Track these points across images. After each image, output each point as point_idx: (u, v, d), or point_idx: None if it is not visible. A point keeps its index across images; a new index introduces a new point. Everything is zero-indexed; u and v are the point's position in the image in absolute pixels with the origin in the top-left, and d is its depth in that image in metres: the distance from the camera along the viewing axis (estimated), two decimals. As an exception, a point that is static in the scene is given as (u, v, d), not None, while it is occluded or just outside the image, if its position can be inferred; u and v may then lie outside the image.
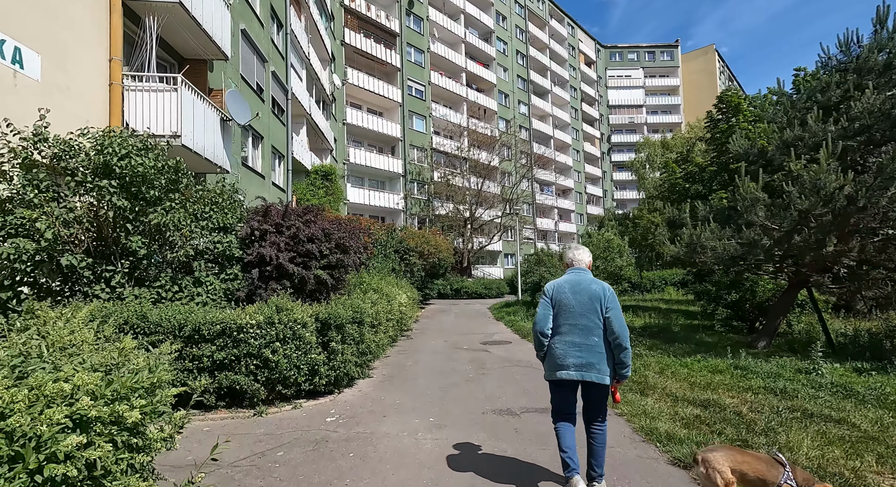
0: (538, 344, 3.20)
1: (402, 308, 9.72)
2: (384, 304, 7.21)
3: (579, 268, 3.39)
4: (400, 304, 9.71)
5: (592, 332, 3.04)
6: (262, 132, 15.06)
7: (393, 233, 16.81)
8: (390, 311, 8.03)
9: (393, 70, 32.98)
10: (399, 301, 9.70)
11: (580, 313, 3.09)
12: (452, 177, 33.53)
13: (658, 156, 30.35)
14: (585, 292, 3.15)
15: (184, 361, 4.37)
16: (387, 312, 7.35)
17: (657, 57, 61.53)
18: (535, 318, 3.23)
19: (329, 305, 5.34)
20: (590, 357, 3.01)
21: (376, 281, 8.86)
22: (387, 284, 10.19)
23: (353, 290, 7.34)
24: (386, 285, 9.71)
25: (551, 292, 3.27)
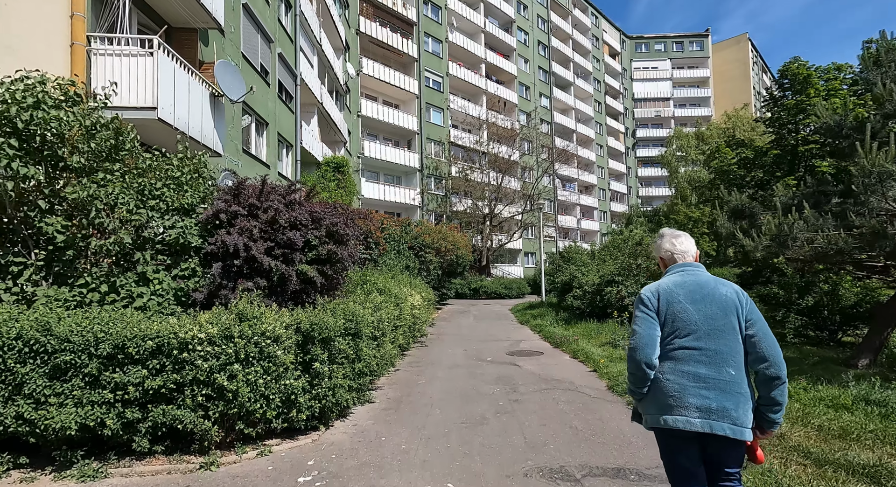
0: (638, 379, 2.12)
1: (415, 311, 8.37)
2: (391, 309, 5.86)
3: (688, 264, 2.26)
4: (412, 307, 8.36)
5: (727, 361, 2.02)
6: (267, 118, 13.91)
7: (407, 227, 15.49)
8: (399, 317, 6.69)
9: (410, 60, 31.71)
10: (412, 303, 8.36)
11: (707, 331, 2.06)
12: (471, 172, 32.10)
13: (692, 148, 28.27)
14: (712, 300, 2.10)
15: (100, 390, 3.10)
16: (394, 318, 6.00)
17: (686, 47, 58.77)
18: (632, 340, 2.14)
19: (315, 311, 4.01)
20: (723, 398, 2.00)
21: (383, 280, 7.51)
22: (398, 283, 8.85)
23: (355, 291, 6.01)
24: (396, 284, 8.37)
25: (656, 300, 2.16)
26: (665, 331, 2.11)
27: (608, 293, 10.75)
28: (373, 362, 4.50)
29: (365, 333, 4.26)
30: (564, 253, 14.93)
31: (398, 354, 6.50)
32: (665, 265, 2.33)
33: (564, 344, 8.69)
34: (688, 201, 26.87)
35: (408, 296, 8.25)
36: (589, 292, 11.36)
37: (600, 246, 15.55)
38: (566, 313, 12.52)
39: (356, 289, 6.20)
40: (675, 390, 2.04)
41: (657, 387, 2.10)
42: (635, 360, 2.10)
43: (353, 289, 6.17)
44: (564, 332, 10.17)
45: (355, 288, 6.42)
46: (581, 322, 11.32)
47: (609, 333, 9.73)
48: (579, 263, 13.38)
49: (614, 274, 10.97)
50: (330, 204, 5.30)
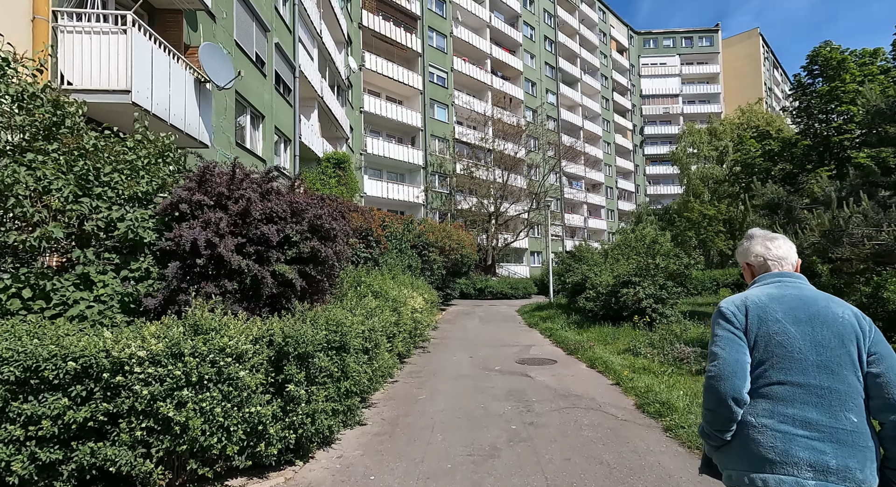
0: (720, 419, 1.57)
1: (416, 315, 7.67)
2: (387, 315, 5.16)
3: (786, 274, 1.72)
4: (413, 310, 7.66)
5: (845, 403, 1.48)
6: (264, 110, 13.26)
7: (410, 225, 14.80)
8: (398, 323, 6.00)
9: (414, 55, 31.02)
10: (413, 306, 7.66)
11: (817, 363, 1.52)
12: (476, 170, 31.38)
13: (704, 144, 27.37)
14: (823, 321, 1.56)
15: (7, 425, 2.43)
16: (391, 325, 5.29)
17: (695, 42, 57.67)
18: (712, 368, 1.58)
19: (292, 321, 3.32)
20: (845, 454, 1.44)
21: (380, 281, 6.81)
22: (398, 285, 8.16)
23: (347, 295, 5.32)
24: (396, 286, 7.68)
25: (743, 316, 1.63)
26: (755, 358, 1.57)
27: (624, 295, 10.00)
28: (363, 379, 3.81)
29: (353, 346, 3.56)
30: (575, 251, 14.19)
31: (396, 363, 5.81)
32: (753, 274, 1.80)
33: (579, 351, 7.96)
34: (700, 198, 25.98)
35: (408, 299, 7.55)
36: (603, 294, 10.61)
37: (612, 245, 14.79)
38: (578, 315, 11.77)
39: (349, 292, 5.51)
40: (776, 439, 1.48)
41: (747, 434, 1.54)
42: (717, 394, 1.54)
43: (346, 293, 5.48)
44: (577, 337, 9.43)
45: (348, 291, 5.73)
46: (595, 325, 10.57)
47: (627, 338, 8.99)
48: (591, 263, 12.64)
49: (630, 275, 10.21)
50: (316, 195, 4.61)
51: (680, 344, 7.40)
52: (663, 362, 6.69)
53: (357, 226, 13.53)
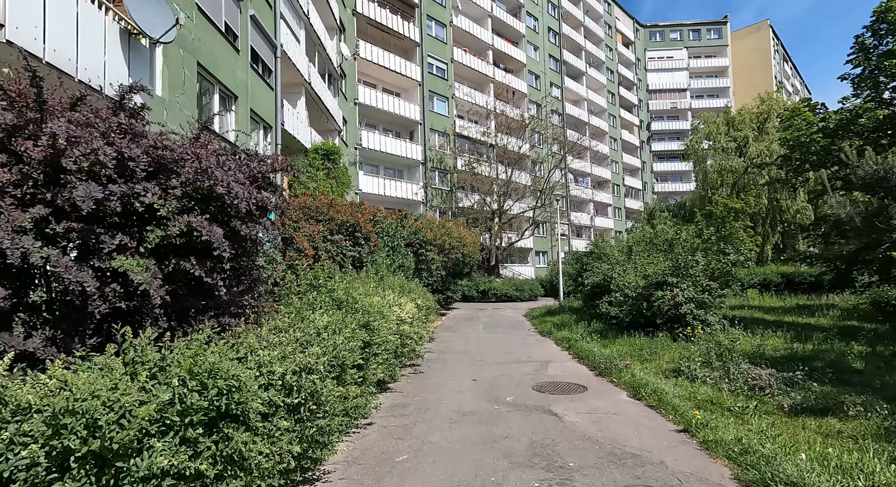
0: None
1: (404, 327, 5.97)
2: (350, 335, 3.44)
3: None
4: (401, 321, 5.97)
5: None
6: (236, 90, 11.60)
7: (404, 220, 13.10)
8: (372, 343, 4.31)
9: (411, 45, 29.38)
10: (399, 315, 5.97)
11: None
12: (478, 165, 29.70)
13: (721, 135, 25.58)
14: None
15: None
16: (358, 350, 3.56)
17: (703, 35, 55.91)
18: None
19: (116, 373, 1.62)
20: None
21: (345, 285, 5.12)
22: (382, 289, 6.47)
23: (290, 306, 3.63)
24: (379, 291, 5.99)
25: None
26: None
27: (659, 299, 8.27)
28: (277, 465, 2.11)
29: (252, 409, 1.88)
30: (595, 248, 12.48)
31: (370, 399, 4.11)
32: None
33: (613, 372, 6.23)
34: (718, 193, 24.22)
35: (394, 307, 5.85)
36: (631, 297, 8.89)
37: (634, 239, 13.05)
38: (599, 323, 10.04)
39: (298, 301, 3.82)
40: None
41: None
42: None
43: (293, 302, 3.79)
44: (604, 351, 7.71)
45: (303, 297, 4.03)
46: (622, 335, 8.85)
47: (668, 353, 7.25)
48: (612, 261, 10.93)
49: (665, 274, 8.48)
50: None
51: (746, 362, 5.66)
52: (735, 391, 4.96)
53: (343, 221, 11.86)
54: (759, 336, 8.68)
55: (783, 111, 24.68)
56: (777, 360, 6.55)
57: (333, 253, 11.20)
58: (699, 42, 55.78)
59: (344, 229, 11.91)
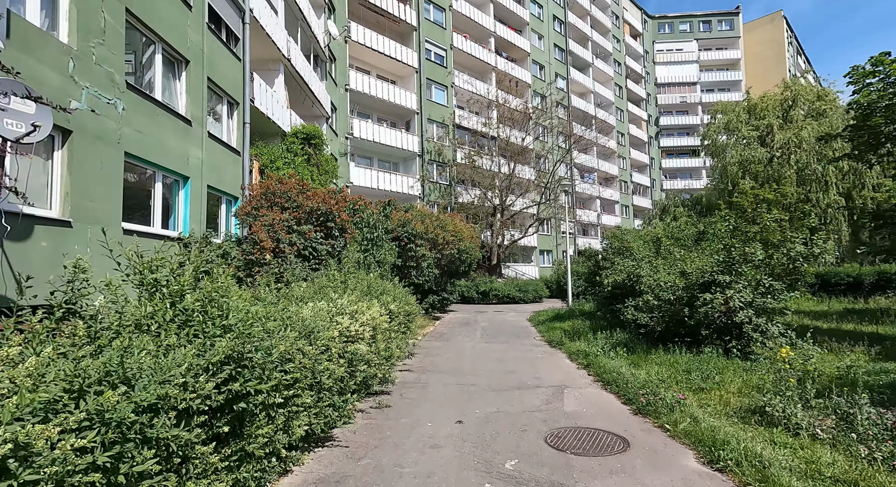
0: None
1: (359, 346, 4.09)
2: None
3: None
4: (351, 338, 4.10)
5: None
6: (187, 53, 9.74)
7: (387, 208, 11.22)
8: (278, 389, 2.47)
9: (408, 29, 27.57)
10: (353, 329, 4.12)
11: None
12: (478, 158, 27.83)
13: (742, 123, 23.61)
14: None
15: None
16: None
17: (714, 27, 53.88)
18: None
19: None
20: None
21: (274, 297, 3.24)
22: (340, 293, 4.61)
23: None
24: (328, 297, 4.12)
25: None
26: None
27: (706, 303, 6.37)
28: None
29: None
30: (614, 240, 10.57)
31: (314, 444, 2.23)
32: None
33: (661, 410, 4.32)
34: (740, 185, 22.28)
35: (342, 317, 3.98)
36: (668, 301, 6.98)
37: (666, 230, 11.14)
38: (623, 332, 8.13)
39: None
40: None
41: None
42: None
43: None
44: (637, 373, 5.83)
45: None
46: (656, 349, 6.95)
47: (727, 376, 5.36)
48: (638, 256, 9.03)
49: (715, 272, 6.57)
50: None
51: (868, 404, 3.73)
52: (869, 456, 3.05)
53: (313, 208, 10.00)
54: (830, 350, 6.76)
55: (811, 97, 22.73)
56: (884, 389, 4.64)
57: (300, 246, 9.34)
58: (710, 34, 53.76)
59: (314, 218, 10.05)
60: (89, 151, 6.90)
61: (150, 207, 8.72)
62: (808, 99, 22.80)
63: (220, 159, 11.08)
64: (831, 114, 21.60)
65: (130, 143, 7.78)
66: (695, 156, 53.67)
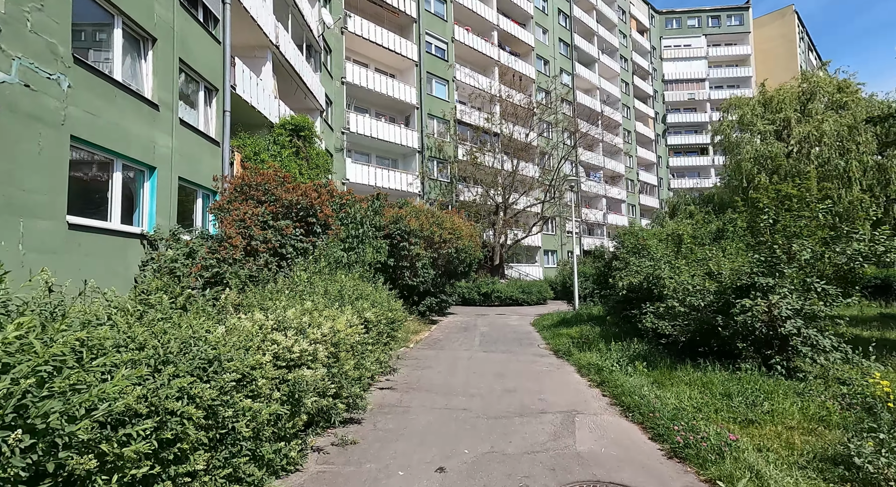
0: None
1: (302, 374, 3.08)
2: None
3: None
4: (295, 364, 3.10)
5: None
6: (153, 30, 8.77)
7: (376, 203, 10.23)
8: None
9: (408, 21, 26.63)
10: (296, 349, 3.13)
11: None
12: (481, 155, 26.82)
13: (758, 117, 22.47)
14: None
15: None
16: None
17: (723, 22, 52.62)
18: None
19: None
20: None
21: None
22: (294, 300, 3.62)
23: None
24: (274, 306, 3.13)
25: None
26: None
27: (745, 310, 5.33)
28: None
29: None
30: (628, 237, 9.52)
31: None
32: None
33: (705, 457, 3.29)
34: (755, 182, 21.18)
35: (282, 336, 2.98)
36: (697, 307, 5.94)
37: (683, 223, 10.08)
38: (641, 342, 7.09)
39: None
40: None
41: None
42: None
43: None
44: (665, 396, 4.81)
45: None
46: (683, 364, 5.91)
47: (776, 402, 4.32)
48: (656, 255, 7.99)
49: (755, 273, 5.53)
50: None
51: None
52: None
53: (293, 202, 9.02)
54: (886, 365, 5.68)
55: (830, 89, 21.57)
56: None
57: (276, 243, 8.37)
58: (719, 29, 52.50)
59: (294, 213, 9.08)
60: (22, 132, 5.95)
61: (108, 200, 7.78)
62: (828, 91, 21.63)
63: (195, 149, 10.13)
64: (854, 106, 20.44)
65: (79, 126, 6.84)
66: (703, 154, 52.49)
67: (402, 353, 8.59)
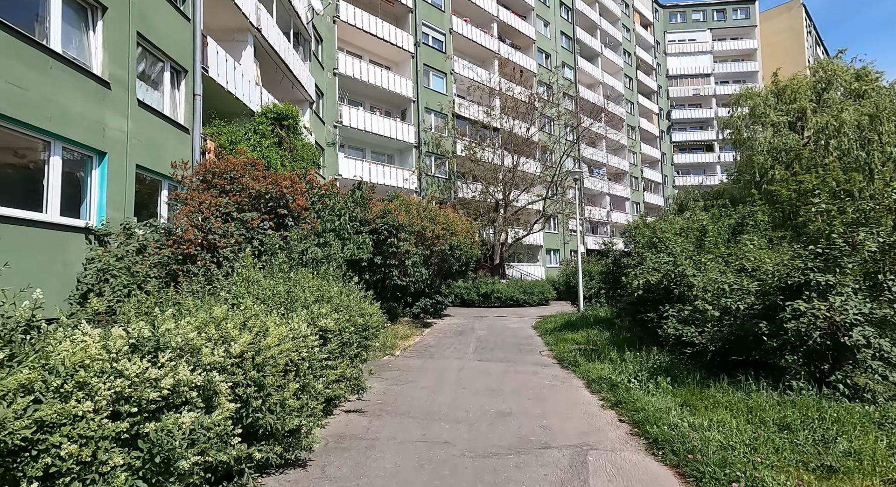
0: None
1: (182, 425, 2.02)
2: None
3: None
4: (191, 394, 2.06)
5: None
6: (106, -1, 7.79)
7: (357, 192, 9.18)
8: None
9: (403, 11, 25.61)
10: (141, 375, 2.10)
11: None
12: (480, 150, 25.74)
13: (770, 108, 21.37)
14: None
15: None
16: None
17: (728, 15, 51.43)
18: None
19: None
20: None
21: None
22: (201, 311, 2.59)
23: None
24: (162, 319, 2.10)
25: None
26: None
27: (798, 314, 4.26)
28: None
29: None
30: (644, 230, 8.45)
31: None
32: None
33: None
34: (768, 175, 20.07)
35: (133, 365, 1.93)
36: (736, 311, 4.87)
37: (705, 219, 9.01)
38: (663, 352, 6.01)
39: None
40: None
41: None
42: None
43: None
44: (694, 420, 3.77)
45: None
46: (716, 380, 4.84)
47: (856, 434, 3.24)
48: (673, 249, 6.93)
49: (808, 268, 4.46)
50: None
51: None
52: None
53: (261, 191, 7.99)
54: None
55: (848, 78, 20.44)
56: None
57: (239, 238, 7.34)
58: (724, 23, 51.31)
59: (262, 204, 8.05)
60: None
61: (44, 188, 6.76)
62: (846, 79, 20.53)
63: (158, 135, 9.09)
64: (874, 94, 19.33)
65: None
66: (709, 150, 51.31)
67: (386, 363, 7.55)
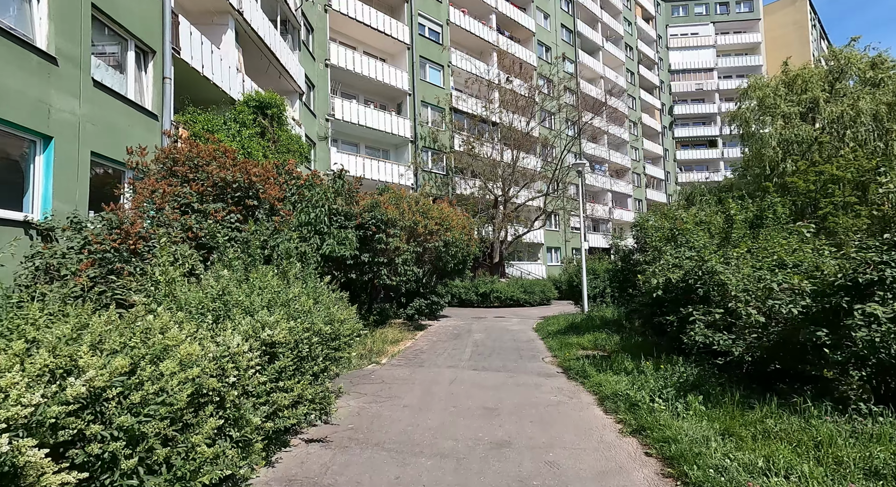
0: None
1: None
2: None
3: None
4: None
5: None
6: (54, -36, 6.91)
7: (337, 182, 8.28)
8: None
9: (398, 1, 24.72)
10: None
11: None
12: (479, 145, 24.84)
13: (781, 99, 20.45)
14: None
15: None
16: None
17: (732, 9, 50.49)
18: None
19: None
20: None
21: None
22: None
23: None
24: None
25: None
26: None
27: (870, 320, 3.34)
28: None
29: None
30: (663, 222, 7.55)
31: None
32: None
33: None
34: (779, 168, 19.16)
35: None
36: (787, 316, 3.96)
37: (732, 208, 8.10)
38: (688, 363, 5.12)
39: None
40: None
41: None
42: None
43: None
44: (747, 458, 2.87)
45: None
46: (761, 398, 3.94)
47: None
48: (696, 243, 6.05)
49: (884, 261, 3.56)
50: None
51: None
52: None
53: (227, 180, 7.09)
54: None
55: (862, 66, 19.52)
56: None
57: (201, 233, 6.44)
58: (727, 16, 50.37)
59: (229, 194, 7.16)
60: None
61: (-27, 175, 5.89)
62: (860, 68, 19.61)
63: (119, 120, 8.21)
64: (890, 83, 18.42)
65: None
66: (712, 146, 50.36)
67: (368, 373, 6.67)
